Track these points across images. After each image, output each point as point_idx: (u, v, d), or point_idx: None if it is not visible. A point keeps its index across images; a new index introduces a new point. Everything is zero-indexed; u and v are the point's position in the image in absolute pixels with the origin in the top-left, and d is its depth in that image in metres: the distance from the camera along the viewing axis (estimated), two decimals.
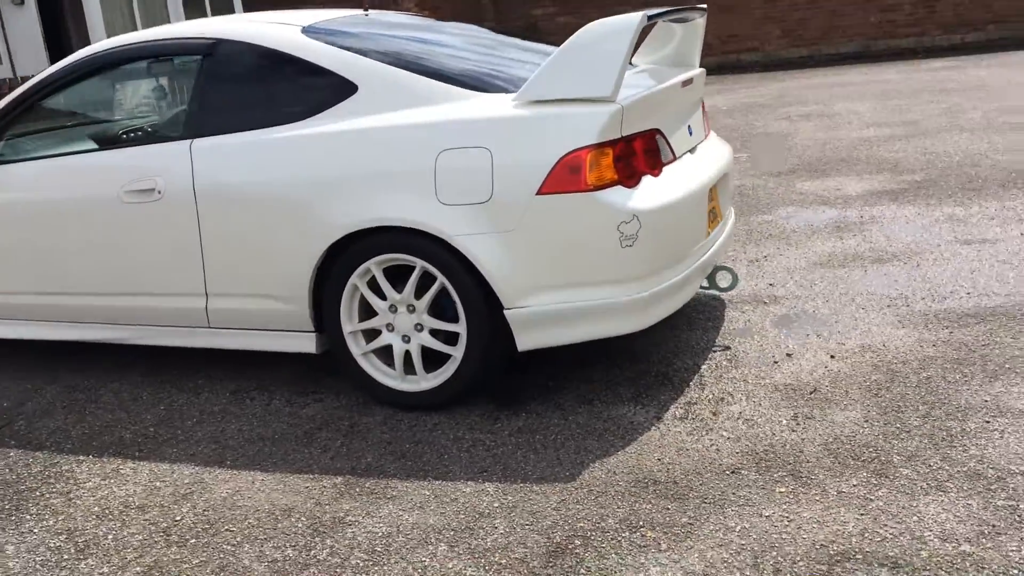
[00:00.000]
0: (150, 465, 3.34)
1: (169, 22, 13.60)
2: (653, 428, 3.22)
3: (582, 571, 2.45)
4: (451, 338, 3.49)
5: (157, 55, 4.05)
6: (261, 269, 3.67)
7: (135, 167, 3.81)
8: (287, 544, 2.74)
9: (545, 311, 3.32)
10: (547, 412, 3.45)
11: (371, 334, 3.63)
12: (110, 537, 2.88)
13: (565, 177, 3.20)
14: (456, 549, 2.62)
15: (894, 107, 9.75)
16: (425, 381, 3.55)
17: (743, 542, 2.50)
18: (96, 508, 3.07)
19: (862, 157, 7.42)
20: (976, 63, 13.09)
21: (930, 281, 4.41)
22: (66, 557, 2.79)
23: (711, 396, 3.43)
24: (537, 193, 3.23)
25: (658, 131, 3.50)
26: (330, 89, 3.58)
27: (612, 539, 2.58)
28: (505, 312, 3.34)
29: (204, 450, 3.42)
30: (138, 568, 2.69)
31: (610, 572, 2.44)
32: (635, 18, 3.26)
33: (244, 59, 3.76)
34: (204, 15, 14.60)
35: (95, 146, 4.18)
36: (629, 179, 3.28)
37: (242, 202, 3.63)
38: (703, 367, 3.69)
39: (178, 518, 2.96)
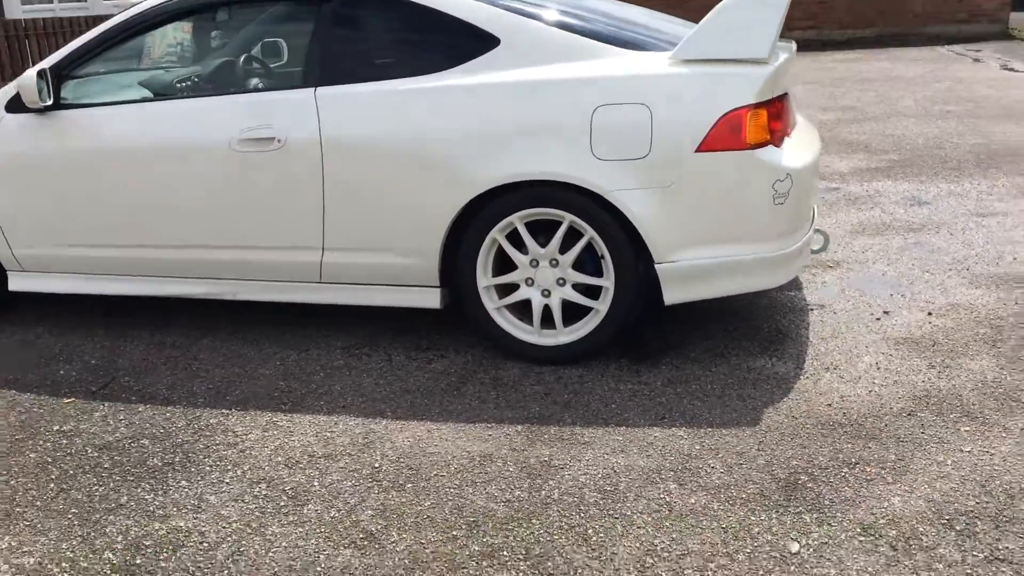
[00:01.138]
0: (306, 417, 3.29)
1: None
2: (803, 378, 3.39)
3: (825, 502, 2.60)
4: (590, 292, 3.55)
5: (251, 2, 3.92)
6: (388, 223, 3.63)
7: (250, 114, 3.69)
8: (511, 486, 2.78)
9: (695, 266, 3.44)
10: (684, 365, 3.57)
11: (503, 289, 3.65)
12: (316, 483, 2.85)
13: (725, 135, 3.32)
14: (687, 487, 2.72)
15: (827, 94, 10.28)
16: (564, 335, 3.61)
17: (961, 474, 2.70)
18: (279, 458, 3.01)
19: (827, 138, 7.81)
20: (876, 56, 13.93)
21: (973, 247, 4.75)
22: (283, 504, 2.74)
23: (838, 349, 3.63)
24: (696, 150, 3.34)
25: (787, 95, 3.66)
26: (469, 41, 3.58)
27: (836, 474, 2.74)
28: (656, 266, 3.43)
29: (354, 402, 3.39)
30: (369, 511, 2.68)
31: (853, 501, 2.59)
32: None
33: (371, 7, 3.70)
34: None
35: (198, 90, 4.01)
36: (777, 140, 3.43)
37: (373, 153, 3.58)
38: (811, 324, 3.88)
39: (376, 465, 2.95)
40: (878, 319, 3.90)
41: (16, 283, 4.22)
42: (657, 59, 3.47)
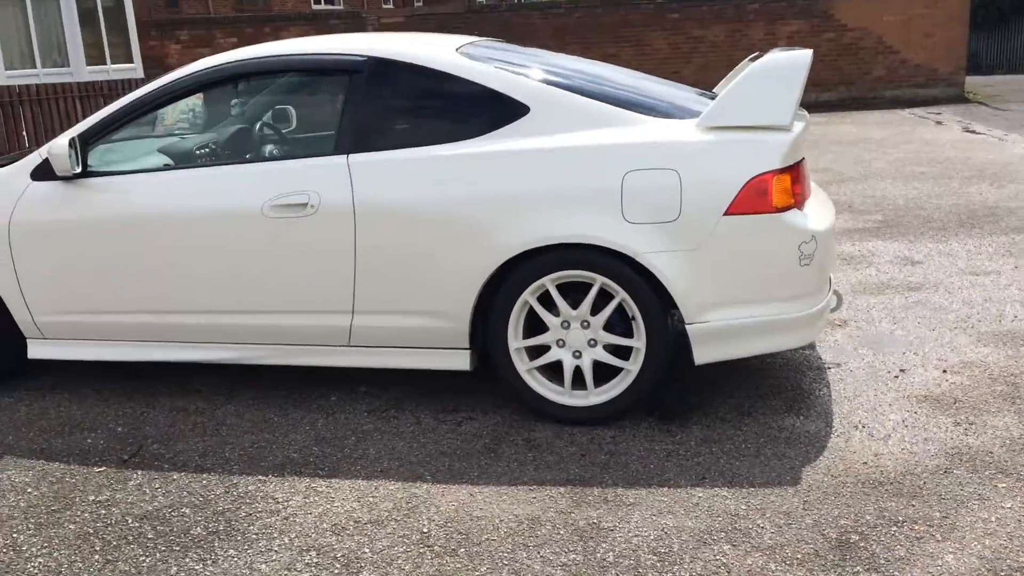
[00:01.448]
0: (345, 482, 3.28)
1: (64, 39, 12.96)
2: (834, 436, 3.46)
3: (881, 561, 2.65)
4: (619, 352, 3.60)
5: (293, 69, 4.00)
6: (420, 286, 3.68)
7: (283, 181, 3.74)
8: (564, 549, 2.79)
9: (724, 326, 3.51)
10: (714, 424, 3.62)
11: (532, 350, 3.69)
12: (367, 550, 2.84)
13: (752, 199, 3.42)
14: (741, 548, 2.76)
15: None
16: (595, 396, 3.65)
17: (1007, 530, 2.77)
18: (325, 524, 3.00)
19: None
20: (842, 120, 14.35)
21: (973, 306, 4.89)
22: (336, 572, 2.73)
23: (862, 407, 3.70)
24: (725, 213, 3.43)
25: (804, 160, 3.79)
26: (500, 109, 3.67)
27: (886, 533, 2.79)
28: (687, 327, 3.50)
29: (391, 466, 3.39)
30: None
31: (908, 560, 2.64)
32: (807, 55, 3.54)
33: (403, 77, 3.78)
34: (99, 33, 13.93)
35: (227, 157, 4.05)
36: (800, 203, 3.54)
37: (406, 218, 3.63)
38: (830, 382, 3.96)
39: (424, 530, 2.95)
40: (896, 377, 3.99)
41: (36, 351, 4.19)
42: (684, 126, 3.57)
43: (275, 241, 3.75)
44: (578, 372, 3.67)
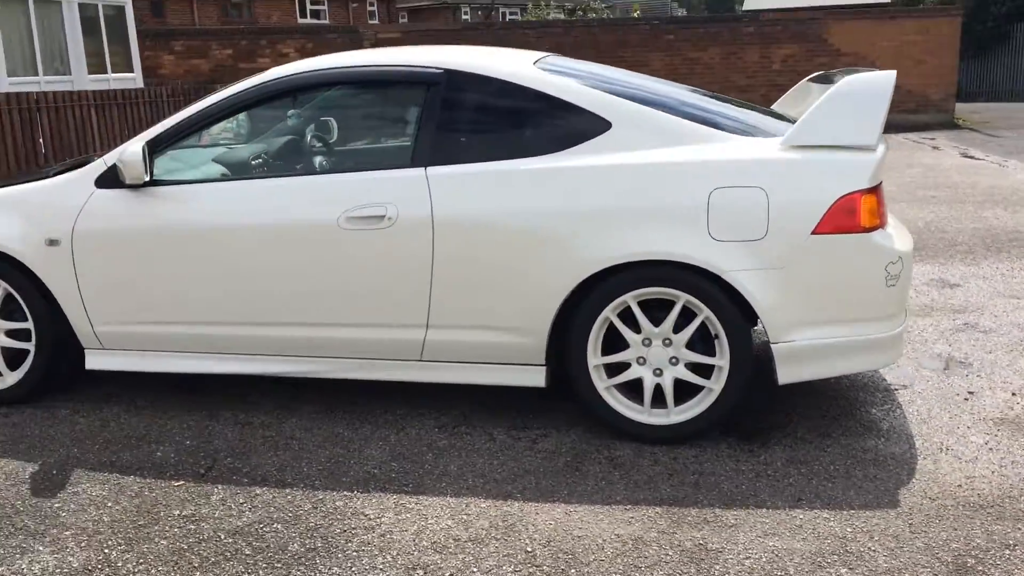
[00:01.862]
0: (434, 499, 3.23)
1: (66, 47, 12.83)
2: (921, 458, 3.45)
3: None
4: (698, 371, 3.58)
5: (367, 81, 3.96)
6: (497, 301, 3.64)
7: (360, 193, 3.69)
8: (677, 571, 2.76)
9: (809, 346, 3.50)
10: (796, 445, 3.61)
11: (610, 367, 3.66)
12: (474, 569, 2.79)
13: (840, 218, 3.41)
14: (857, 571, 2.73)
15: None
16: (676, 414, 3.62)
17: None
18: (424, 542, 2.95)
19: None
20: None
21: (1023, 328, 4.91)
22: None
23: (940, 429, 3.70)
24: (812, 232, 3.42)
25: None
26: (581, 124, 3.65)
27: (1000, 556, 2.78)
28: (772, 346, 3.49)
29: (477, 483, 3.35)
30: None
31: None
32: (891, 75, 3.55)
33: (482, 91, 3.75)
34: (100, 41, 13.80)
35: (298, 169, 4.00)
36: (884, 223, 3.54)
37: (487, 232, 3.60)
38: (901, 404, 3.96)
39: (528, 549, 2.90)
40: (966, 399, 3.99)
41: (94, 361, 4.10)
42: (768, 144, 3.56)
43: (350, 253, 3.70)
44: (656, 390, 3.62)
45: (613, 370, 3.69)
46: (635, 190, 3.52)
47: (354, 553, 2.90)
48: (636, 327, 3.60)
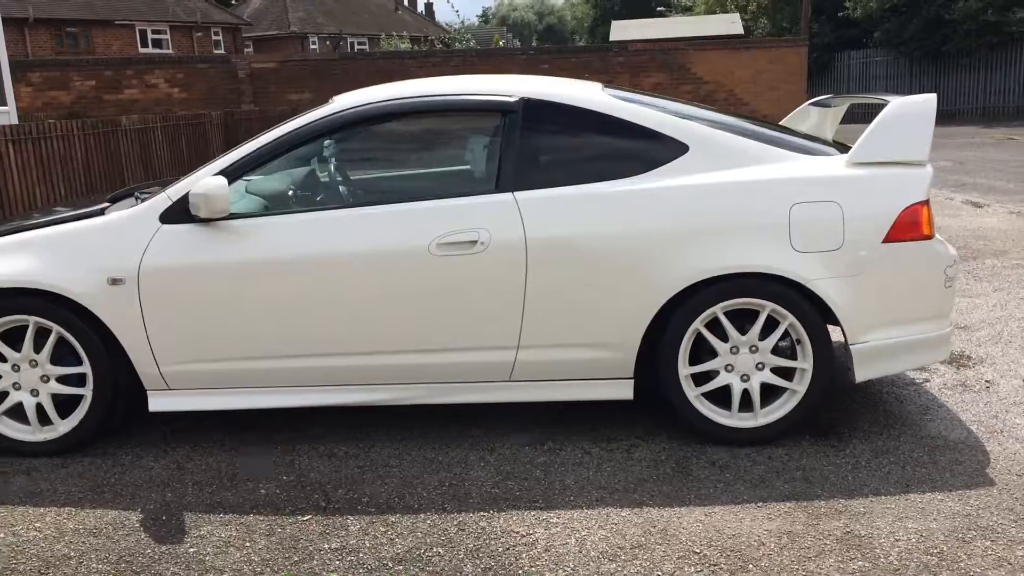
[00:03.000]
0: (571, 512, 3.33)
1: None
2: (986, 441, 3.80)
3: None
4: (782, 375, 3.84)
5: (443, 109, 4.02)
6: (589, 319, 3.77)
7: (449, 219, 3.75)
8: (846, 557, 2.97)
9: (880, 345, 3.81)
10: (869, 438, 3.90)
11: (698, 375, 3.86)
12: (658, 572, 2.91)
13: (906, 227, 3.75)
14: (999, 543, 3.02)
15: None
16: (762, 417, 3.85)
17: None
18: (593, 553, 3.05)
19: None
20: None
21: None
22: None
23: (984, 414, 4.07)
24: (883, 241, 3.74)
25: None
26: (660, 148, 3.84)
27: None
28: (850, 347, 3.78)
29: (602, 495, 3.46)
30: None
31: None
32: (934, 98, 3.92)
33: (559, 118, 3.89)
34: None
35: (379, 197, 4.02)
36: (934, 231, 3.90)
37: (579, 253, 3.73)
38: (932, 394, 4.35)
39: (696, 551, 3.04)
40: (986, 388, 4.39)
41: (158, 403, 3.95)
42: (835, 162, 3.86)
43: (441, 279, 3.75)
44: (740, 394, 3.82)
45: (699, 378, 3.86)
46: (721, 208, 3.73)
47: (532, 570, 2.95)
48: (723, 336, 3.79)
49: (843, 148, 4.12)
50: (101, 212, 3.99)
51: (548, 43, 69.98)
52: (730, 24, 20.60)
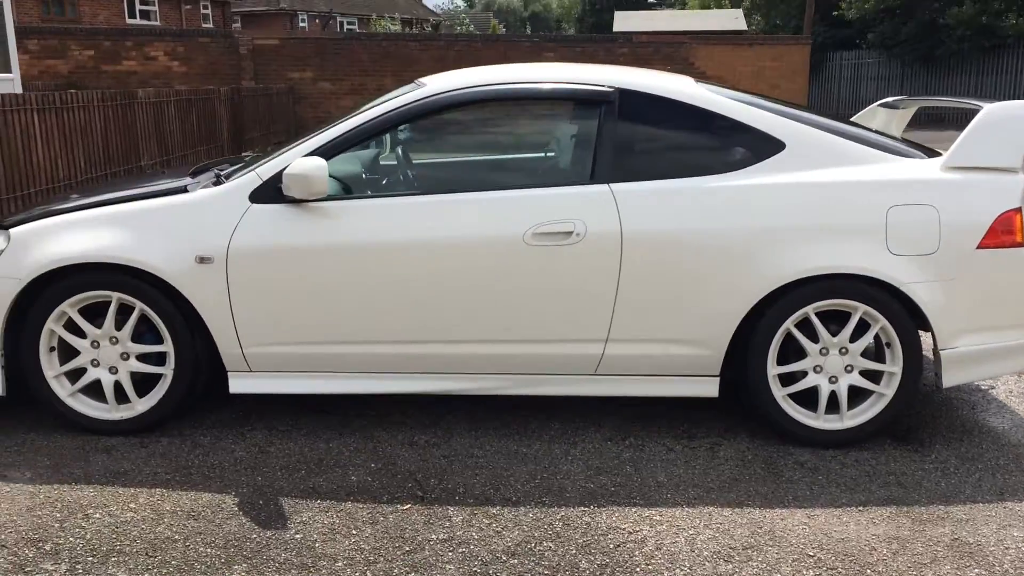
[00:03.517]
0: (673, 510, 3.31)
1: None
2: None
3: None
4: (868, 378, 3.85)
5: (537, 97, 3.98)
6: (680, 315, 3.75)
7: (546, 208, 3.71)
8: (962, 565, 2.97)
9: (970, 351, 3.82)
10: (950, 444, 3.93)
11: (784, 376, 3.85)
12: (777, 574, 2.89)
13: (999, 234, 3.76)
14: None
15: None
16: (848, 420, 3.85)
17: None
18: (706, 552, 3.04)
19: None
20: None
21: None
22: None
23: None
24: (977, 247, 3.74)
25: None
26: (757, 144, 3.82)
27: None
28: (940, 352, 3.78)
29: (698, 493, 3.45)
30: None
31: None
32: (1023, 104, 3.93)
33: (655, 110, 3.86)
34: None
35: (475, 184, 3.96)
36: None
37: (674, 248, 3.71)
38: (1010, 403, 4.39)
39: (809, 553, 3.04)
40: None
41: (239, 384, 3.89)
42: (930, 166, 3.85)
43: (534, 269, 3.71)
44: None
45: (785, 379, 3.85)
46: (818, 208, 3.72)
47: (649, 567, 2.93)
48: (813, 337, 3.78)
49: (928, 152, 4.10)
50: (184, 189, 3.90)
51: (534, 31, 69.85)
52: (733, 20, 20.62)
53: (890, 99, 5.13)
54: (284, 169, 3.69)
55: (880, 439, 3.92)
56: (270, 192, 3.73)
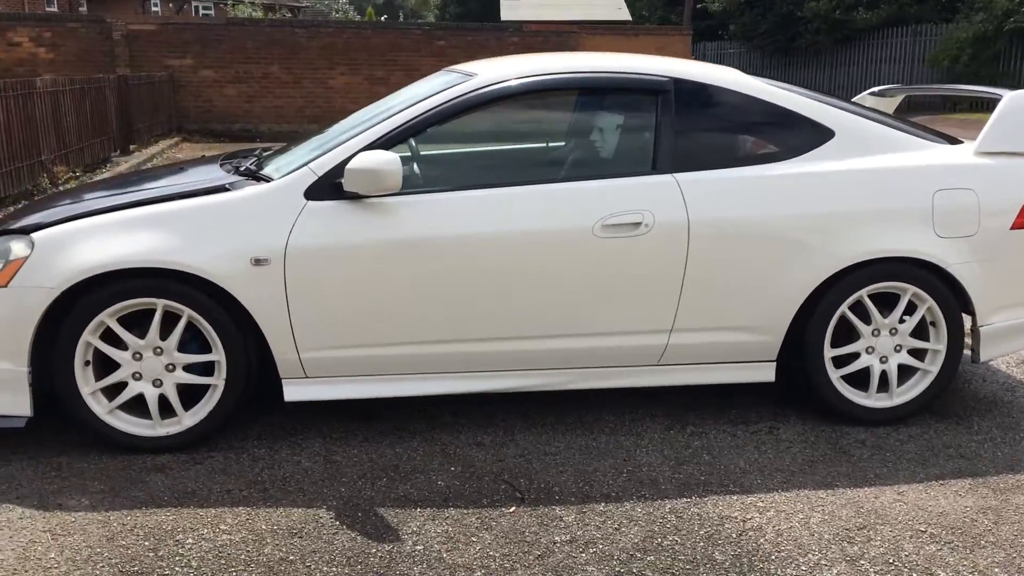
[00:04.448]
0: (772, 496, 3.35)
1: None
2: None
3: None
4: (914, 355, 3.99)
5: (594, 88, 3.94)
6: (743, 302, 3.80)
7: (613, 200, 3.69)
8: None
9: (1005, 326, 4.03)
10: (985, 416, 4.12)
11: (837, 358, 3.95)
12: (902, 551, 2.98)
13: None
14: None
15: None
16: (898, 397, 3.99)
17: None
18: (827, 536, 3.09)
19: None
20: None
21: None
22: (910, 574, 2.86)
23: None
24: (1011, 228, 3.95)
25: None
26: (809, 133, 3.90)
27: None
28: (979, 328, 3.97)
29: (786, 478, 3.50)
30: None
31: None
32: None
33: (711, 99, 3.88)
34: None
35: (538, 176, 3.88)
36: None
37: (737, 236, 3.75)
38: (1019, 374, 4.62)
39: (920, 528, 3.13)
40: None
41: (294, 392, 3.69)
42: (964, 151, 4.02)
43: (603, 261, 3.68)
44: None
45: (837, 360, 3.95)
46: (872, 194, 3.82)
47: (782, 555, 2.95)
48: (865, 319, 3.89)
49: (948, 138, 4.27)
50: (224, 187, 3.67)
51: (387, 17, 68.86)
52: (616, 9, 20.96)
53: (878, 88, 5.30)
54: (342, 164, 3.51)
55: (921, 415, 4.05)
56: (327, 188, 3.55)
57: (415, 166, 3.94)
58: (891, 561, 2.91)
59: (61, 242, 3.45)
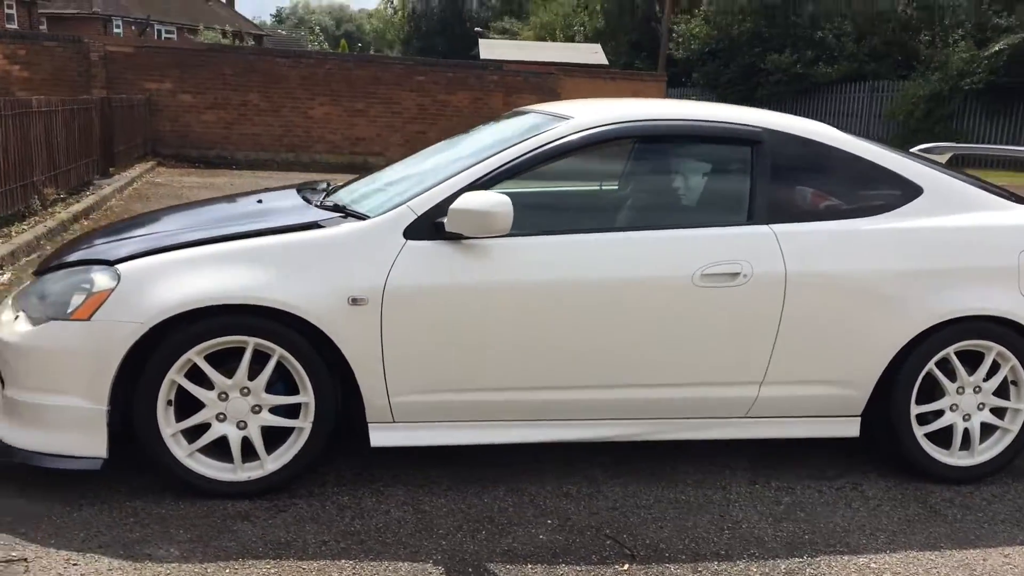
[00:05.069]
0: (882, 557, 3.30)
1: None
2: None
3: None
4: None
5: (687, 136, 3.90)
6: (834, 356, 3.77)
7: (713, 249, 3.64)
8: None
9: None
10: None
11: (920, 415, 3.93)
12: None
13: None
14: None
15: None
16: (979, 455, 3.98)
17: None
18: None
19: None
20: None
21: None
22: None
23: None
24: None
25: None
26: (899, 189, 3.90)
27: None
28: None
29: (885, 539, 3.44)
30: None
31: None
32: None
33: (804, 151, 3.87)
34: None
35: (637, 223, 3.82)
36: None
37: (832, 290, 3.72)
38: None
39: None
40: None
41: (380, 438, 3.56)
42: None
43: (700, 311, 3.62)
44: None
45: (920, 417, 3.93)
46: (962, 251, 3.82)
47: None
48: (951, 376, 3.88)
49: (1018, 198, 4.30)
50: (317, 224, 3.55)
51: (351, 50, 68.85)
52: (592, 54, 21.17)
53: (926, 145, 5.34)
54: (444, 203, 3.42)
55: (998, 476, 4.03)
56: (426, 227, 3.44)
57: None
58: None
59: (150, 275, 3.29)
